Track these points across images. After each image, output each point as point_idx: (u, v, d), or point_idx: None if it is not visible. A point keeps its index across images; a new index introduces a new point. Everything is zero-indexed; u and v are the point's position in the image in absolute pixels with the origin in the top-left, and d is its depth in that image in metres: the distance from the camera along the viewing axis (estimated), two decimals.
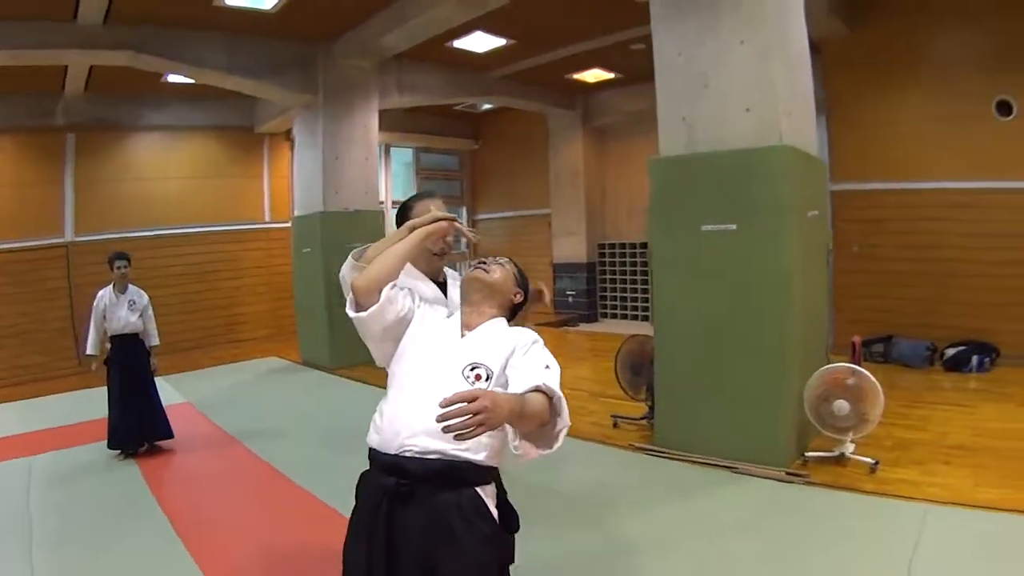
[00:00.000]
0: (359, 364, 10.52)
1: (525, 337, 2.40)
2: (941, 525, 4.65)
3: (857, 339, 7.42)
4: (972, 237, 9.83)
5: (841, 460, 5.87)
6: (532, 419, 2.02)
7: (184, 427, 7.50)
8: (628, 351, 7.24)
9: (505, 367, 2.31)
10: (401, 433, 2.22)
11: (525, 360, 2.30)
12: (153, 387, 7.25)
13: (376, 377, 8.85)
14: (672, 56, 6.24)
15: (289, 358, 12.28)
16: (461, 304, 2.61)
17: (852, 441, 5.87)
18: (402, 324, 2.47)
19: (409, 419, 2.23)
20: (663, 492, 5.53)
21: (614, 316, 15.48)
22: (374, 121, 11.65)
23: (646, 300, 14.30)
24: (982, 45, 9.58)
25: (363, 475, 2.37)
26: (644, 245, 14.33)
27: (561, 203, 15.61)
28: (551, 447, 2.13)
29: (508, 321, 2.57)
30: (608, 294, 15.70)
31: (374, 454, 2.31)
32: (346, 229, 11.05)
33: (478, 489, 2.25)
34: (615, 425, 7.34)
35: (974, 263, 9.81)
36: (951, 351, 9.61)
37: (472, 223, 17.17)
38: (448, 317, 2.62)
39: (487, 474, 2.29)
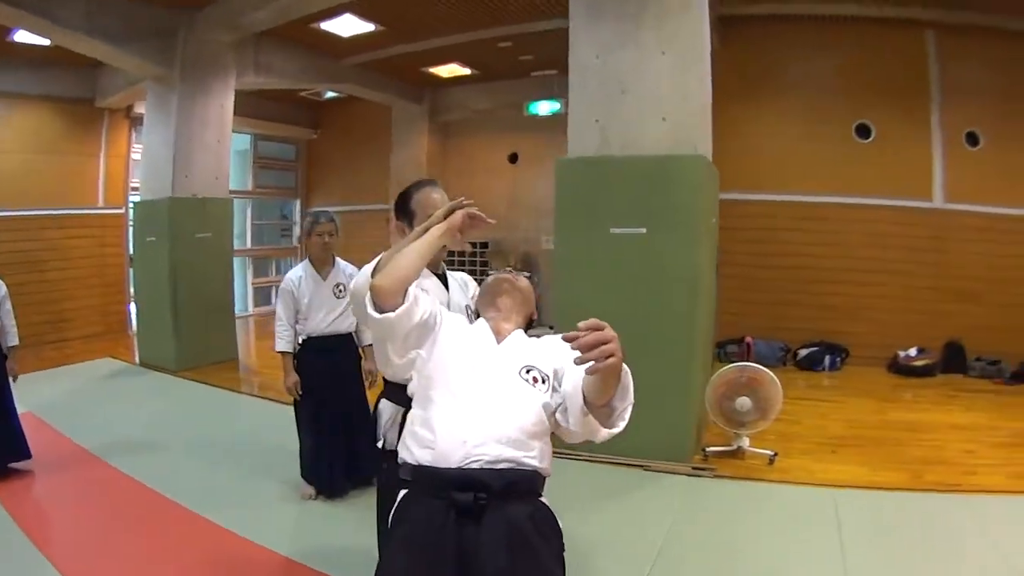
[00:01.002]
0: (206, 365, 10.31)
1: (560, 342, 2.26)
2: (854, 506, 5.37)
3: (750, 339, 7.92)
4: (824, 247, 10.99)
5: (738, 453, 6.43)
6: (616, 385, 2.07)
7: (33, 442, 6.28)
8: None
9: (555, 373, 2.33)
10: (468, 442, 2.09)
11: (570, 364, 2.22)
12: (11, 399, 5.99)
13: (224, 380, 8.77)
14: (589, 58, 6.46)
15: (124, 359, 11.43)
16: (482, 309, 2.64)
17: (747, 435, 6.42)
18: (425, 328, 2.34)
19: (474, 427, 2.12)
20: (588, 493, 5.70)
21: None
22: (230, 102, 11.03)
23: None
24: (844, 72, 10.88)
25: (409, 495, 2.18)
26: (484, 245, 14.81)
27: None
28: (615, 426, 2.18)
29: None
30: None
31: (426, 471, 2.13)
32: (195, 217, 10.50)
33: (544, 501, 2.23)
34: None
35: (826, 270, 10.92)
36: (804, 351, 10.62)
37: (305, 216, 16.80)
38: (470, 322, 2.67)
39: (544, 484, 2.26)
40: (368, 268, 2.52)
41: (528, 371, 2.28)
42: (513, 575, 2.01)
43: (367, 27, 10.94)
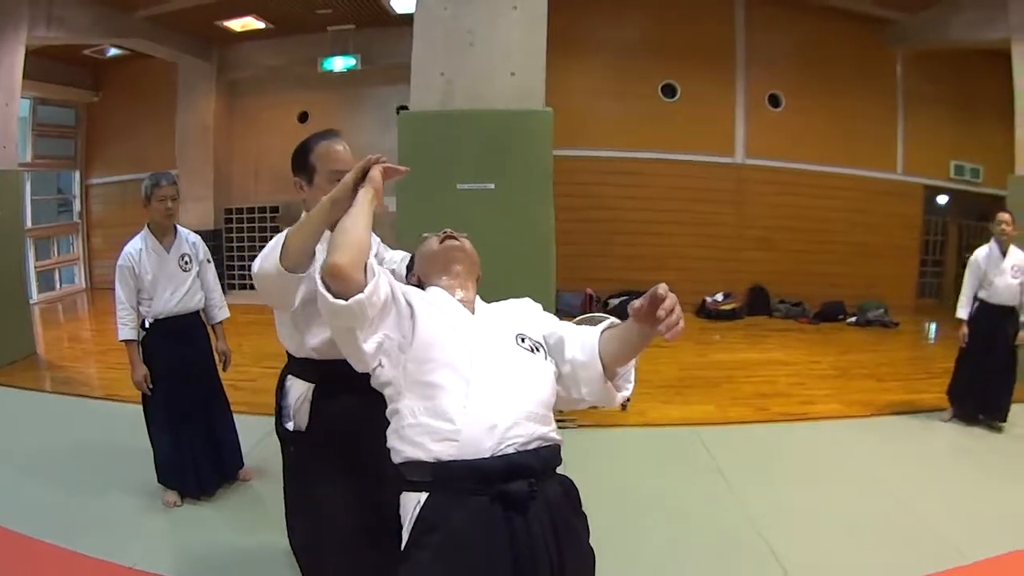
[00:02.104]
0: (12, 364, 8.78)
1: (528, 304, 2.39)
2: (719, 440, 5.95)
3: (591, 290, 8.13)
4: (631, 200, 11.58)
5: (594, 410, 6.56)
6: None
7: None
8: None
9: (544, 340, 2.22)
10: (498, 426, 1.90)
11: (559, 322, 2.30)
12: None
13: (31, 380, 7.73)
14: (437, 9, 6.31)
15: None
16: (430, 277, 2.36)
17: None
18: (392, 304, 2.02)
19: (501, 408, 1.94)
20: None
21: (243, 287, 14.43)
22: (20, 59, 9.64)
23: None
24: (651, 33, 11.56)
25: (437, 497, 1.91)
26: (275, 209, 14.17)
27: (188, 164, 14.18)
28: (625, 388, 2.17)
29: None
30: (236, 263, 14.68)
31: (455, 467, 1.90)
32: None
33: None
34: None
35: (633, 222, 11.52)
36: (614, 301, 11.22)
37: (85, 189, 15.61)
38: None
39: None
40: (273, 250, 2.42)
41: (523, 340, 2.14)
42: (563, 564, 1.89)
43: None
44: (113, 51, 13.89)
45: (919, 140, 12.94)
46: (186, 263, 4.90)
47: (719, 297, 11.47)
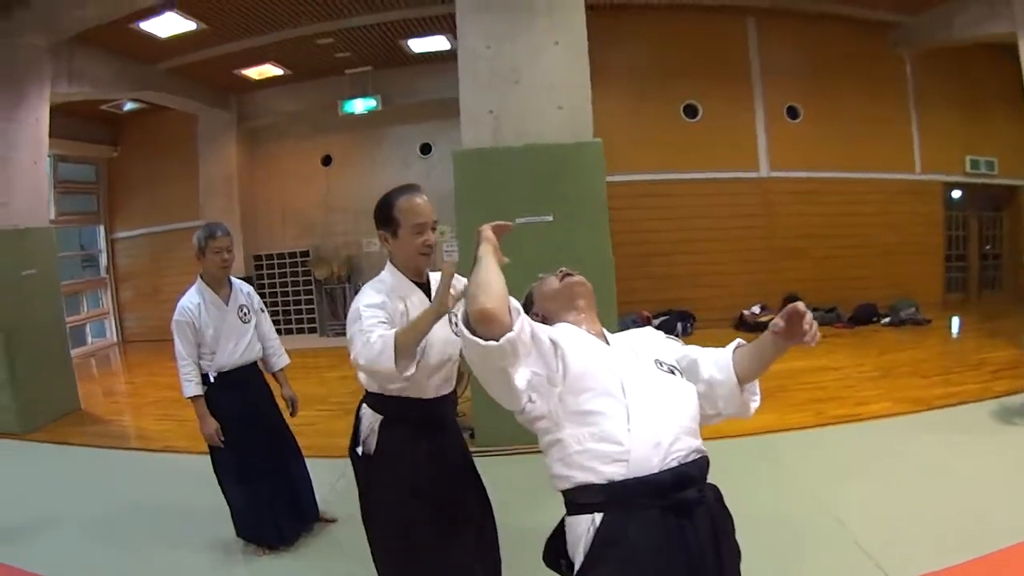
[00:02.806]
0: (54, 422, 8.76)
1: (651, 332, 2.54)
2: (789, 446, 6.31)
3: (647, 313, 8.25)
4: (661, 221, 11.72)
5: None
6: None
7: None
8: None
9: (675, 361, 2.37)
10: (662, 443, 2.04)
11: (687, 346, 2.47)
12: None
13: (85, 436, 7.63)
14: (479, 48, 6.52)
15: None
16: (556, 314, 2.50)
17: None
18: (537, 342, 2.13)
19: (662, 426, 2.07)
20: (524, 485, 4.92)
21: (278, 331, 14.37)
22: (46, 115, 9.58)
23: (311, 310, 14.45)
24: (668, 56, 11.86)
25: (612, 516, 2.02)
26: (305, 254, 14.45)
27: (213, 213, 14.06)
28: (756, 398, 2.39)
29: None
30: (269, 308, 14.73)
31: (627, 485, 2.01)
32: (16, 252, 8.98)
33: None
34: None
35: (665, 243, 11.63)
36: (656, 321, 11.32)
37: (111, 243, 15.76)
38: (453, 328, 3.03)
39: None
40: (381, 353, 2.65)
41: (661, 364, 2.28)
42: (722, 563, 2.04)
43: (189, 25, 10.35)
44: (130, 105, 14.09)
45: (934, 138, 13.26)
46: (245, 314, 4.90)
47: (756, 309, 11.59)
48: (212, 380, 4.65)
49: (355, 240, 14.26)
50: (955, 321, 12.05)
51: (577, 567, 2.04)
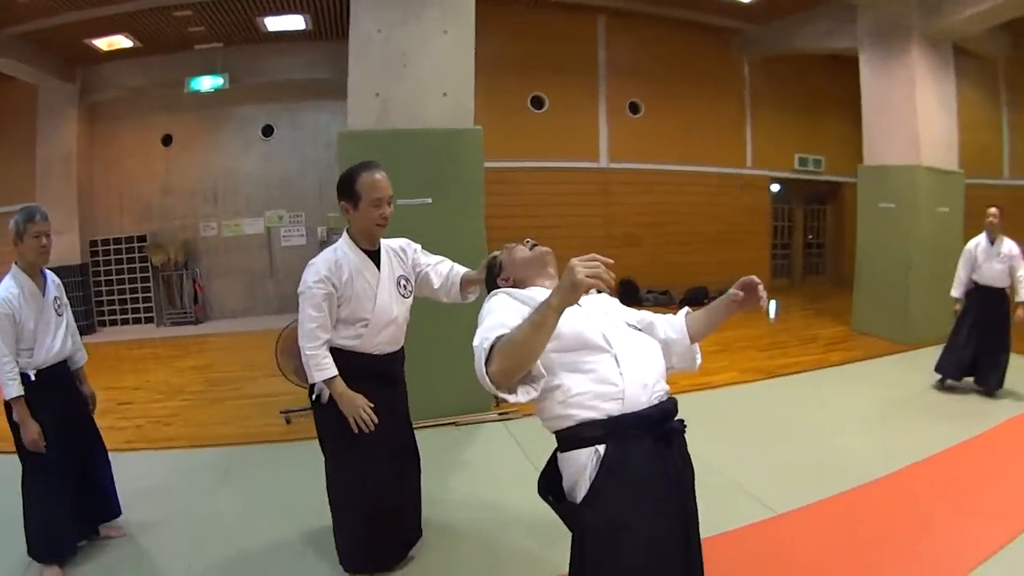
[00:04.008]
0: None
1: (609, 299, 2.71)
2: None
3: None
4: (509, 207, 12.06)
5: None
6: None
7: None
8: (293, 338, 6.98)
9: (636, 322, 2.70)
10: (648, 383, 2.36)
11: (643, 312, 2.80)
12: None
13: None
14: (371, 31, 6.59)
15: None
16: (531, 278, 2.77)
17: None
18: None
19: (646, 371, 2.40)
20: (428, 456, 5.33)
21: (114, 323, 13.68)
22: None
23: (148, 299, 13.52)
24: (519, 49, 12.18)
25: (614, 445, 2.30)
26: (143, 239, 13.50)
27: (50, 195, 12.76)
28: (700, 356, 2.79)
29: None
30: (106, 298, 13.77)
31: (625, 419, 2.31)
32: None
33: None
34: (288, 422, 6.94)
35: (510, 229, 11.79)
36: None
37: None
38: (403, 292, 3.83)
39: None
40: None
41: (629, 324, 2.61)
42: (689, 479, 2.46)
43: None
44: None
45: (766, 136, 14.58)
46: (59, 307, 4.39)
47: (593, 293, 12.12)
48: (32, 379, 4.13)
49: (193, 224, 13.69)
50: (773, 304, 13.12)
51: (583, 492, 2.31)
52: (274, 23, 11.39)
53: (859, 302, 10.87)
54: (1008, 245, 7.20)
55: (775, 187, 15.18)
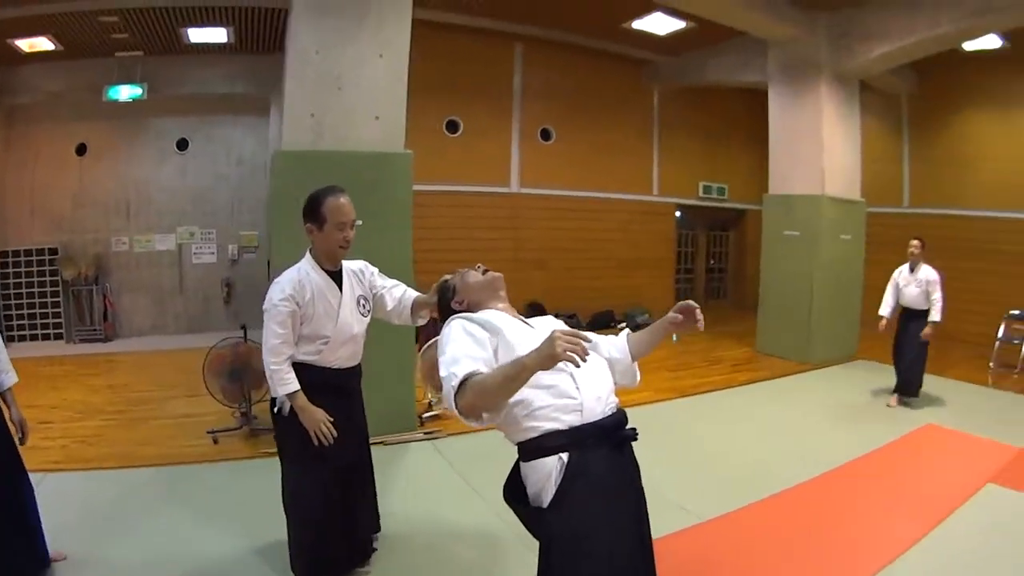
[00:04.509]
0: None
1: (553, 319, 3.02)
2: None
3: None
4: (420, 231, 11.76)
5: (441, 415, 7.37)
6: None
7: None
8: (220, 359, 6.97)
9: None
10: (602, 396, 2.60)
11: (590, 335, 2.85)
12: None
13: None
14: (309, 51, 6.60)
15: None
16: (485, 301, 2.97)
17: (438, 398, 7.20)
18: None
19: (598, 386, 2.63)
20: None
21: (23, 338, 12.71)
22: None
23: (58, 314, 12.75)
24: (436, 73, 12.18)
25: (576, 454, 2.48)
26: (54, 251, 12.72)
27: None
28: (638, 374, 3.08)
29: None
30: (15, 312, 12.84)
31: (585, 429, 2.51)
32: None
33: None
34: (216, 442, 6.77)
35: (421, 252, 11.86)
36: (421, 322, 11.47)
37: None
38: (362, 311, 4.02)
39: None
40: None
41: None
42: (641, 485, 2.74)
43: None
44: None
45: (672, 165, 15.14)
46: None
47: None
48: None
49: (105, 238, 13.08)
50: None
51: (549, 497, 2.49)
52: (197, 34, 11.11)
53: (763, 325, 11.45)
54: (926, 272, 8.18)
55: (677, 213, 15.70)
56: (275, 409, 3.79)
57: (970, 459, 6.45)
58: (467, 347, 2.54)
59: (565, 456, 2.49)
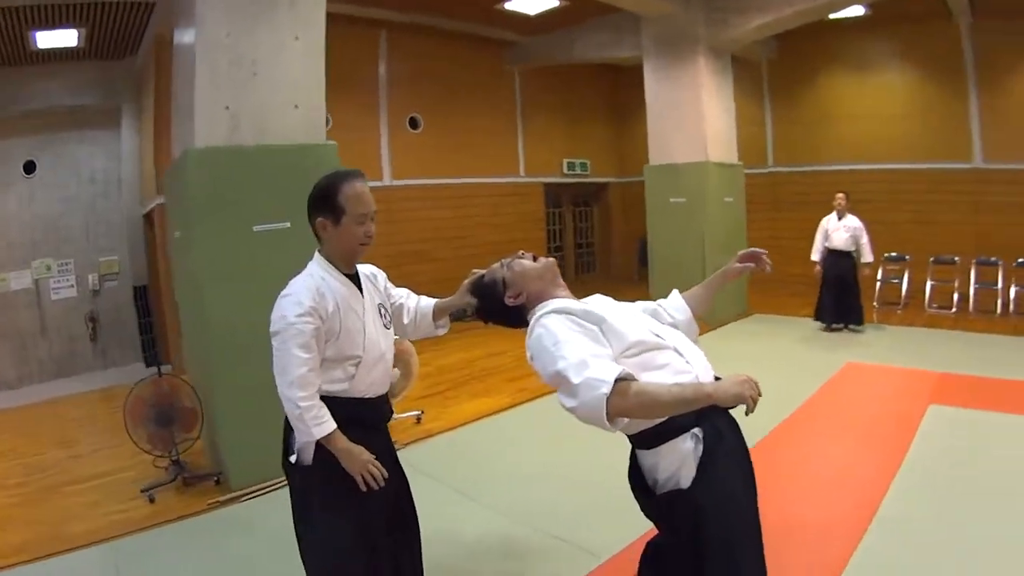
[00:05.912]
0: None
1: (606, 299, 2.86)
2: (508, 424, 7.12)
3: None
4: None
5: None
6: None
7: None
8: (140, 403, 5.75)
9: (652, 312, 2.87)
10: (705, 363, 2.53)
11: (647, 304, 2.93)
12: None
13: None
14: (219, 35, 5.64)
15: None
16: (550, 289, 2.71)
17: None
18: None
19: (698, 352, 2.57)
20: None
21: None
22: None
23: None
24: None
25: (707, 424, 2.37)
26: None
27: None
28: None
29: None
30: None
31: (705, 411, 2.32)
32: None
33: None
34: (152, 500, 5.50)
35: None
36: None
37: None
38: (384, 320, 3.19)
39: None
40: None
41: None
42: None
43: None
44: None
45: (537, 144, 15.00)
46: None
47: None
48: None
49: None
50: None
51: (691, 475, 2.35)
52: (45, 38, 9.58)
53: (656, 293, 11.01)
54: (851, 220, 9.65)
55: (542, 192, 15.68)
56: (293, 459, 2.88)
57: (903, 388, 7.00)
58: (588, 346, 2.31)
59: (699, 431, 2.38)
